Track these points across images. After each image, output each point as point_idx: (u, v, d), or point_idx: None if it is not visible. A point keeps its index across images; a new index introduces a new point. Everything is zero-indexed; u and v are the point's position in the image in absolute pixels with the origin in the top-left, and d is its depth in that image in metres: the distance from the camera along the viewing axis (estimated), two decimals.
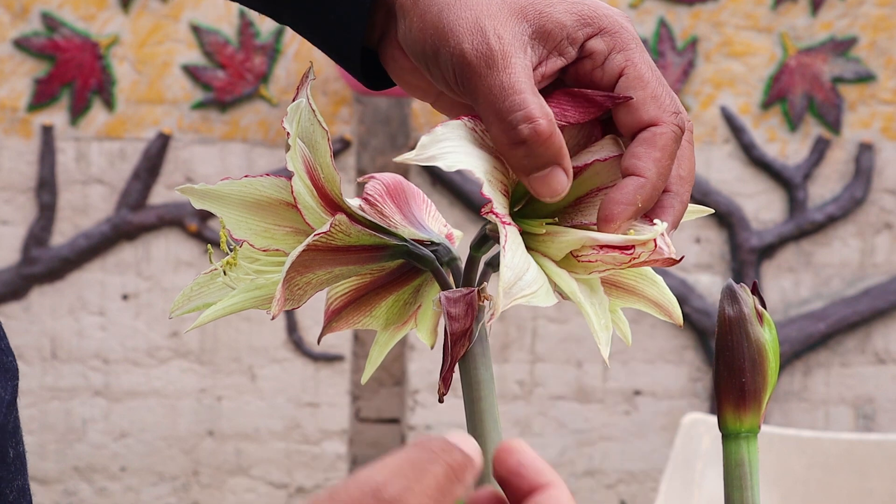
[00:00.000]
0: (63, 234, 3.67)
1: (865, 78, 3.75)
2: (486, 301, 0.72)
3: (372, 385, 3.93)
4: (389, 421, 3.95)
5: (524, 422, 3.79)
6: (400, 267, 0.76)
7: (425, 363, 3.76)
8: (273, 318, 0.69)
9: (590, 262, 0.67)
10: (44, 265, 3.65)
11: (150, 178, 3.67)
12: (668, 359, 3.79)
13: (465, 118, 0.66)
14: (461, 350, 0.71)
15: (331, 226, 0.69)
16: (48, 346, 3.69)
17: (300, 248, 0.68)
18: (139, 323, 3.69)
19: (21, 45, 3.61)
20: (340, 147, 3.69)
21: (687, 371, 3.81)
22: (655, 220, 0.67)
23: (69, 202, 3.67)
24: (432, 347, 0.82)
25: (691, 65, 3.72)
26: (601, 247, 0.66)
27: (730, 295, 0.70)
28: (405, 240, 0.74)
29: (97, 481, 3.76)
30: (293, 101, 0.71)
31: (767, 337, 0.70)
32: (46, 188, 3.65)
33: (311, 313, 3.71)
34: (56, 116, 3.64)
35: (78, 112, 3.64)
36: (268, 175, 0.75)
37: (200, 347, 3.70)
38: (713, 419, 2.62)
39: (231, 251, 0.75)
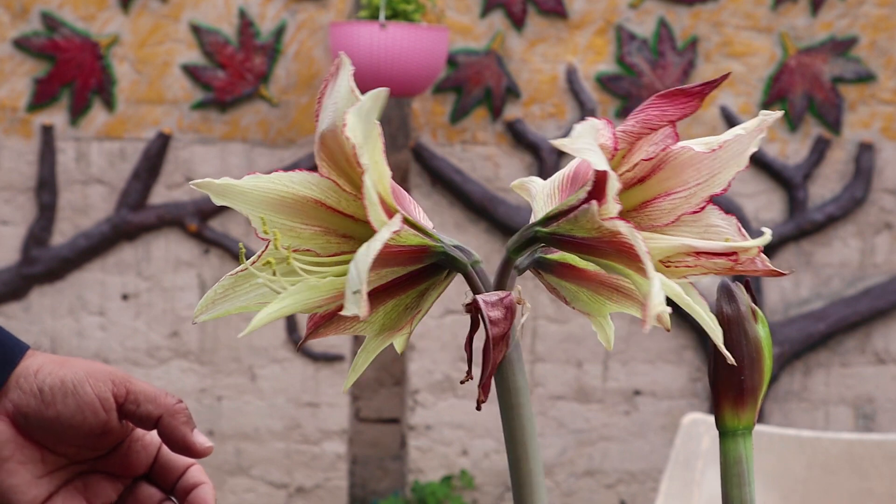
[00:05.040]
0: (63, 234, 3.67)
1: (865, 78, 3.75)
2: (520, 305, 0.71)
3: (372, 385, 3.93)
4: (389, 421, 3.95)
5: None
6: (411, 271, 0.74)
7: (425, 363, 3.76)
8: (364, 319, 0.66)
9: (687, 267, 0.68)
10: (44, 265, 3.65)
11: (150, 178, 3.67)
12: (668, 359, 3.79)
13: (604, 120, 0.67)
14: (500, 355, 0.70)
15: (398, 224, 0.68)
16: (48, 346, 3.69)
17: (377, 246, 0.65)
18: (139, 323, 3.69)
19: (21, 45, 3.61)
20: None
21: (687, 371, 3.81)
22: (763, 229, 0.68)
23: (69, 202, 3.67)
24: (401, 353, 0.80)
25: (691, 65, 3.72)
26: (698, 254, 0.67)
27: (726, 293, 0.70)
28: (442, 241, 0.73)
29: None
30: (323, 90, 0.69)
31: (762, 334, 0.70)
32: (46, 188, 3.65)
33: None
34: (56, 116, 3.64)
35: (78, 112, 3.64)
36: (300, 170, 0.72)
37: (200, 347, 3.70)
38: (713, 419, 2.62)
39: (286, 251, 0.71)
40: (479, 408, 0.71)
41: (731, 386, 0.70)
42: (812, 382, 3.83)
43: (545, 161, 3.70)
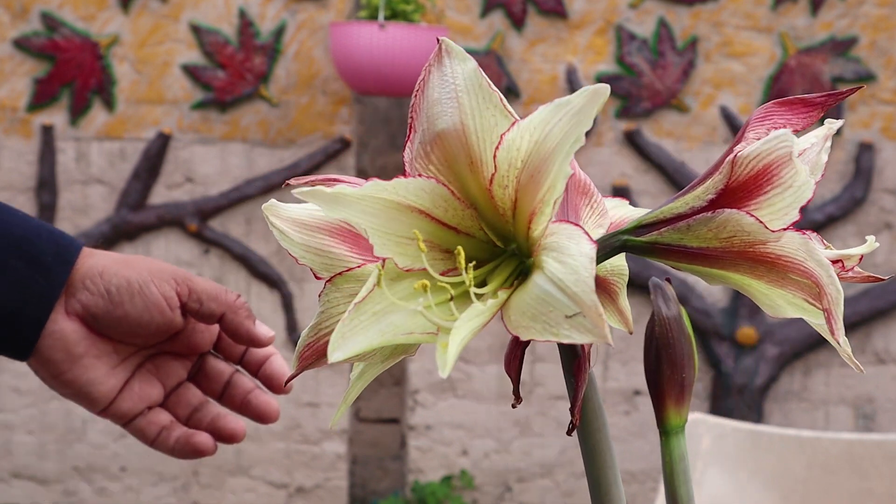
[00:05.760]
0: None
1: (865, 78, 3.75)
2: None
3: (372, 385, 3.93)
4: (389, 421, 3.95)
5: (524, 422, 3.79)
6: None
7: (425, 363, 3.76)
8: (611, 343, 0.60)
9: None
10: None
11: (150, 178, 3.67)
12: None
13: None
14: (587, 374, 0.67)
15: None
16: None
17: (588, 265, 0.60)
18: None
19: (21, 45, 3.61)
20: (340, 147, 3.68)
21: None
22: (867, 237, 0.69)
23: (69, 202, 3.67)
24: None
25: (691, 65, 3.72)
26: None
27: (662, 295, 0.70)
28: None
29: (97, 481, 3.76)
30: (423, 82, 0.64)
31: (690, 328, 0.70)
32: (46, 188, 3.64)
33: (312, 313, 3.70)
34: (56, 116, 3.64)
35: (78, 112, 3.64)
36: (419, 175, 0.65)
37: None
38: (713, 419, 2.62)
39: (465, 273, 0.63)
40: (570, 433, 0.67)
41: (674, 385, 0.70)
42: (812, 382, 3.83)
43: None
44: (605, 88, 0.60)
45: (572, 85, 3.70)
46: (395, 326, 0.64)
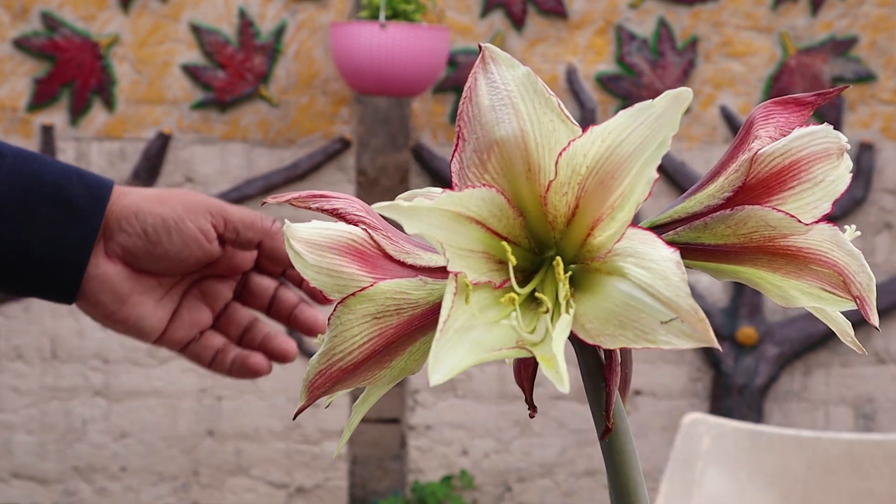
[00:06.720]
0: None
1: (865, 78, 3.75)
2: None
3: None
4: (389, 421, 3.95)
5: (524, 422, 3.78)
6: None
7: (425, 363, 3.76)
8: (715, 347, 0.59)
9: None
10: None
11: (150, 178, 3.67)
12: (668, 359, 3.79)
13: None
14: (618, 376, 0.66)
15: None
16: (48, 346, 3.69)
17: (676, 269, 0.61)
18: None
19: (21, 45, 3.61)
20: (340, 147, 3.68)
21: (687, 371, 3.81)
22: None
23: None
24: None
25: (691, 65, 3.72)
26: None
27: None
28: None
29: (97, 481, 3.76)
30: (470, 89, 0.62)
31: None
32: None
33: None
34: (56, 116, 3.64)
35: (78, 112, 3.64)
36: (484, 186, 0.63)
37: None
38: (713, 419, 2.62)
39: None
40: (603, 438, 0.66)
41: (620, 381, 0.71)
42: (812, 382, 3.83)
43: None
44: (688, 92, 0.59)
45: (572, 85, 3.70)
46: (479, 343, 0.61)
